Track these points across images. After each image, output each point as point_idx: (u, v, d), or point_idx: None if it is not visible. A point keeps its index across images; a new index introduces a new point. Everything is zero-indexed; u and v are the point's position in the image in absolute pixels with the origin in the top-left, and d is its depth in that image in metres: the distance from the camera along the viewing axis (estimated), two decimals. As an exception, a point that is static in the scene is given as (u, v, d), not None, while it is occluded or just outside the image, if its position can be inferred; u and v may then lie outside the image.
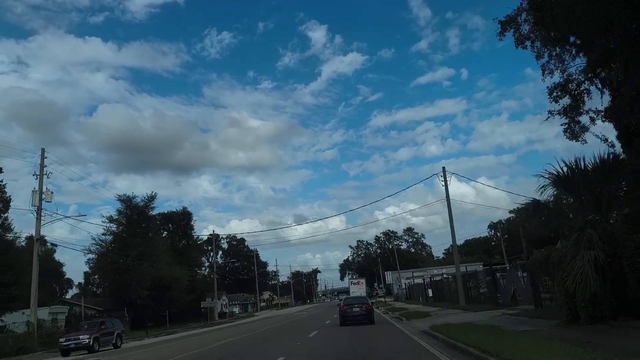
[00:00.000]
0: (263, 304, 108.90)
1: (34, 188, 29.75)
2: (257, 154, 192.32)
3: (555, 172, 13.71)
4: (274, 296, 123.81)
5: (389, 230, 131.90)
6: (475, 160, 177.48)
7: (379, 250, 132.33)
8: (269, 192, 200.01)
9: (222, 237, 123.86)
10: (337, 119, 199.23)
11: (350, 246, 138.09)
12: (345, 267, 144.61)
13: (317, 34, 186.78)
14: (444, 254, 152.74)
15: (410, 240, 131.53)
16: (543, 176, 13.83)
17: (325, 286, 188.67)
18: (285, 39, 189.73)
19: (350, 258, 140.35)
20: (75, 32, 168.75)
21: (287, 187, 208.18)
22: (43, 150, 31.29)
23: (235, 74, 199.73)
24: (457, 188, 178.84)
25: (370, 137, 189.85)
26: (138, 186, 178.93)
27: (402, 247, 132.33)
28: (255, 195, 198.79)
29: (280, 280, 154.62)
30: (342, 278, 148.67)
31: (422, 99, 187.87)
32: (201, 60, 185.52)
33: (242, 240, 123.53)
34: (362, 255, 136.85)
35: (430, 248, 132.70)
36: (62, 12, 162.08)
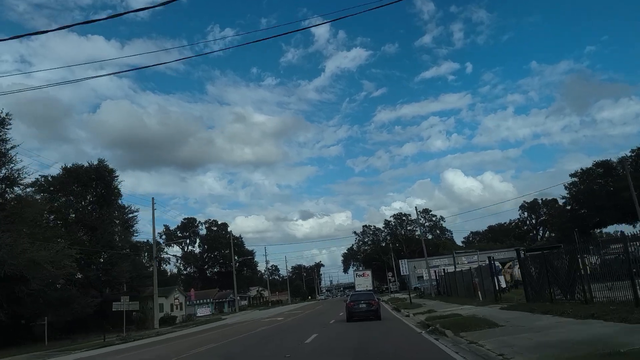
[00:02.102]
0: (244, 302, 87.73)
1: None
2: (262, 150, 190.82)
3: None
4: (262, 292, 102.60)
5: (401, 213, 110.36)
6: (481, 155, 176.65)
7: (388, 237, 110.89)
8: (274, 188, 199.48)
9: (199, 222, 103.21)
10: (341, 115, 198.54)
11: (355, 232, 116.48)
12: (349, 257, 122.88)
13: (321, 30, 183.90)
14: (462, 242, 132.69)
15: (427, 224, 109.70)
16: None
17: (331, 281, 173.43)
18: (288, 35, 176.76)
19: (354, 247, 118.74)
20: (78, 30, 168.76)
21: (292, 183, 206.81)
22: None
23: (239, 71, 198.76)
24: (463, 182, 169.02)
25: (375, 132, 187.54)
26: (143, 183, 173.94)
27: (416, 233, 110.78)
28: (261, 191, 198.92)
29: (281, 275, 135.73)
30: (345, 270, 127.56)
31: (426, 93, 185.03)
32: (204, 57, 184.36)
33: (224, 225, 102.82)
34: (369, 243, 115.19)
35: (451, 233, 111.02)
36: (65, 10, 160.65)
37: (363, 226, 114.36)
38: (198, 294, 78.85)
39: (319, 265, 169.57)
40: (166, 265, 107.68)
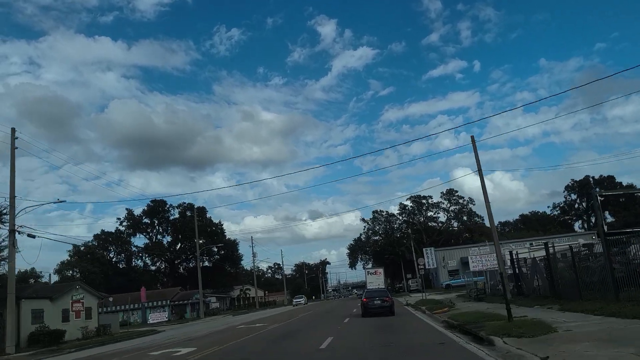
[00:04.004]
0: (216, 305, 68.38)
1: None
2: (271, 149, 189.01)
3: None
4: (247, 291, 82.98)
5: (420, 196, 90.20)
6: (490, 153, 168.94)
7: (405, 225, 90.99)
8: (282, 188, 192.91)
9: (170, 205, 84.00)
10: (348, 114, 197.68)
11: (363, 219, 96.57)
12: (357, 250, 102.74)
13: (327, 29, 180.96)
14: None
15: (452, 208, 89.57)
16: None
17: (338, 280, 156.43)
18: (294, 34, 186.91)
19: (363, 237, 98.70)
20: (85, 32, 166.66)
21: (300, 183, 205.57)
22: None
23: (245, 71, 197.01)
24: (472, 182, 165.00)
25: (383, 131, 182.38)
26: (152, 183, 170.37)
27: (439, 219, 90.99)
28: (269, 192, 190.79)
29: (286, 273, 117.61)
30: (352, 265, 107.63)
31: (434, 92, 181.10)
32: (211, 57, 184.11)
33: (202, 210, 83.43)
34: (380, 232, 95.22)
35: (482, 219, 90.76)
36: (72, 12, 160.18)
37: (373, 212, 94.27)
38: (152, 294, 59.85)
39: (324, 263, 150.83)
40: (137, 260, 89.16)
